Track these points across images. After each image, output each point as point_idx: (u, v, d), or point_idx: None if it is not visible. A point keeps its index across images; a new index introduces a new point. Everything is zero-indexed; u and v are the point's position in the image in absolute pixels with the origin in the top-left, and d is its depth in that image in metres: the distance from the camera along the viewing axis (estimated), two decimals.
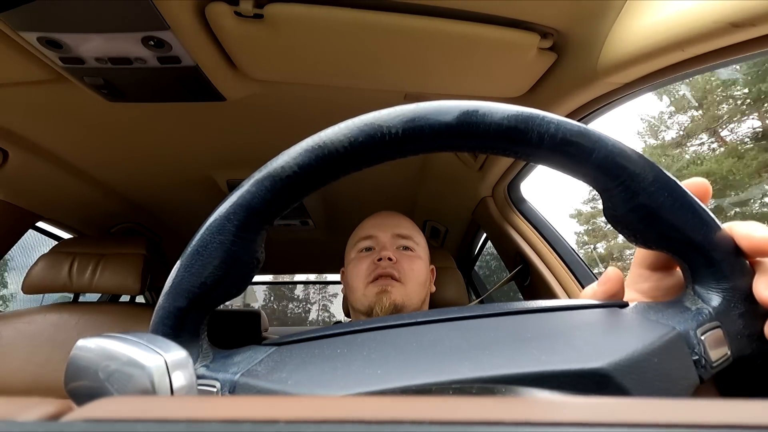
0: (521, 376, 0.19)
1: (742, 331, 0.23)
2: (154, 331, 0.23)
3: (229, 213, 0.22)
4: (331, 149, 0.22)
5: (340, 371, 0.21)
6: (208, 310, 0.24)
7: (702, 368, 0.21)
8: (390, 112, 0.22)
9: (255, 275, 0.25)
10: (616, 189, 0.23)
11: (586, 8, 0.55)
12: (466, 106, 0.22)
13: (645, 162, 0.23)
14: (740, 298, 0.23)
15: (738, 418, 0.09)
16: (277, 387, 0.20)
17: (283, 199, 0.23)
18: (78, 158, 0.99)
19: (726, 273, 0.23)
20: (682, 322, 0.23)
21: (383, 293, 0.67)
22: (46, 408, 0.10)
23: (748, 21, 0.42)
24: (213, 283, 0.23)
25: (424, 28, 0.57)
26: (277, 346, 0.25)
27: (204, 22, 0.57)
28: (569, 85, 0.65)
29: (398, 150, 0.23)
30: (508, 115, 0.22)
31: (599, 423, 0.09)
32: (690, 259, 0.24)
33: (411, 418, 0.09)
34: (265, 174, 0.22)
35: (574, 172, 0.24)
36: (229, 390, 0.22)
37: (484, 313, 0.25)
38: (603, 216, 0.26)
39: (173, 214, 1.37)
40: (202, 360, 0.24)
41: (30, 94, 0.73)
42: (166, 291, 0.23)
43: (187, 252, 0.23)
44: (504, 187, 1.02)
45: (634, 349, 0.20)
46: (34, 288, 0.98)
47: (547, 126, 0.22)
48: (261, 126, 0.89)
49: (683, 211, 0.23)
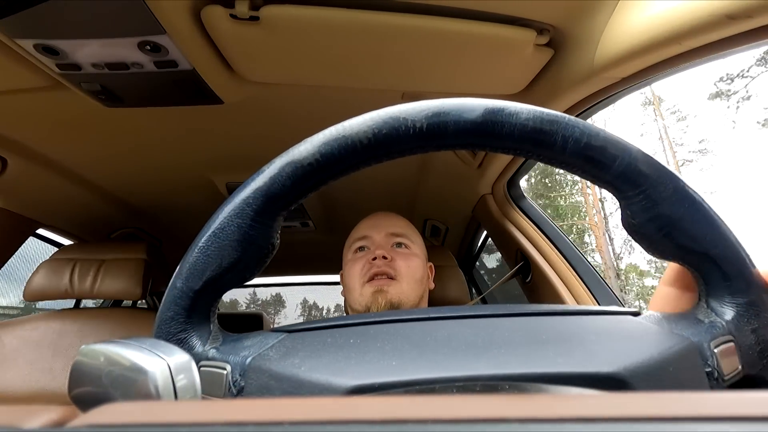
0: (538, 375, 0.19)
1: (754, 347, 0.23)
2: (167, 309, 0.23)
3: (249, 197, 0.23)
4: (355, 140, 0.22)
5: (354, 360, 0.21)
6: (221, 292, 0.24)
7: (714, 381, 0.21)
8: (415, 106, 0.22)
9: (269, 261, 0.25)
10: (637, 197, 0.23)
11: (583, 3, 0.55)
12: (493, 104, 0.22)
13: (667, 172, 0.23)
14: (754, 314, 0.23)
15: (741, 409, 0.09)
16: (290, 372, 0.20)
17: (303, 186, 0.23)
18: (77, 164, 0.99)
19: (742, 288, 0.23)
20: (696, 334, 0.23)
21: (379, 293, 0.67)
22: (50, 415, 0.10)
23: (744, 12, 0.42)
24: (228, 266, 0.23)
25: (420, 26, 0.57)
26: (287, 332, 0.25)
27: (200, 25, 0.56)
28: (567, 81, 0.64)
29: (421, 145, 0.23)
30: (533, 116, 0.22)
31: (604, 418, 0.09)
32: (706, 272, 0.24)
33: (415, 417, 0.09)
34: (286, 160, 0.22)
35: (596, 178, 0.24)
36: (240, 373, 0.22)
37: (497, 313, 0.25)
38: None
39: (173, 218, 1.37)
40: (212, 342, 0.24)
41: (27, 101, 0.73)
42: (179, 272, 0.23)
43: (204, 234, 0.23)
44: (503, 184, 1.02)
45: (650, 356, 0.20)
46: (35, 295, 0.98)
47: (572, 130, 0.22)
48: (259, 128, 0.89)
49: (702, 224, 0.23)
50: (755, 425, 0.08)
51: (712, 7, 0.43)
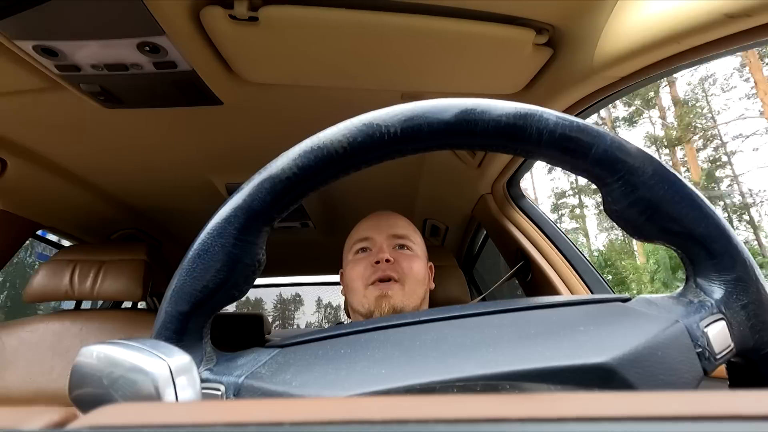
0: (526, 372, 0.19)
1: (745, 323, 0.23)
2: (158, 335, 0.23)
3: (230, 216, 0.22)
4: (330, 150, 0.22)
5: (344, 371, 0.21)
6: (211, 313, 0.24)
7: (706, 360, 0.21)
8: (388, 112, 0.22)
9: (257, 277, 0.25)
10: (616, 183, 0.23)
11: (582, 3, 0.55)
12: (465, 104, 0.22)
13: (644, 156, 0.23)
14: (742, 290, 0.23)
15: (741, 408, 0.09)
16: (282, 389, 0.20)
17: (284, 200, 0.23)
18: (76, 165, 0.99)
19: (728, 265, 0.23)
20: (685, 315, 0.23)
21: (383, 298, 0.67)
22: (50, 416, 0.10)
23: (743, 11, 0.42)
24: (215, 287, 0.23)
25: (420, 26, 0.57)
26: (280, 348, 0.25)
27: (199, 26, 0.56)
28: (566, 81, 0.65)
29: (397, 149, 0.23)
30: (506, 113, 0.22)
31: (603, 417, 0.09)
32: (691, 252, 0.24)
33: (415, 417, 0.09)
34: (264, 176, 0.22)
35: (574, 167, 0.24)
36: (234, 393, 0.22)
37: (486, 311, 0.25)
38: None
39: (173, 219, 1.37)
40: (206, 363, 0.24)
41: (27, 102, 0.73)
42: (169, 295, 0.23)
43: (189, 256, 0.23)
44: (503, 184, 1.02)
45: (637, 343, 0.20)
46: (36, 297, 0.98)
47: (546, 122, 0.22)
48: (259, 129, 0.89)
49: (683, 204, 0.23)
50: (756, 424, 0.08)
51: (711, 6, 0.43)
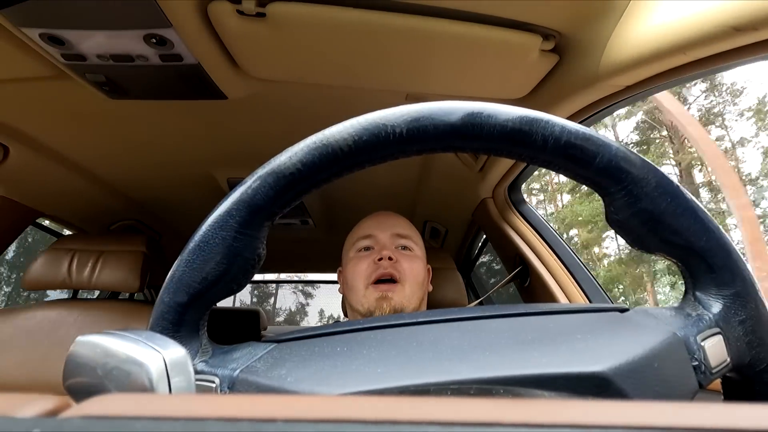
0: (521, 377, 0.19)
1: (742, 338, 0.23)
2: (154, 326, 0.23)
3: (232, 209, 0.22)
4: (335, 147, 0.22)
5: (339, 369, 0.21)
6: (209, 305, 0.24)
7: (702, 374, 0.21)
8: (395, 112, 0.22)
9: (256, 272, 0.25)
10: (619, 193, 0.23)
11: (589, 10, 0.55)
12: (471, 107, 0.22)
13: (648, 167, 0.23)
14: (741, 305, 0.23)
15: (735, 422, 0.09)
16: (277, 384, 0.20)
17: (286, 196, 0.23)
18: (79, 155, 0.99)
19: (727, 279, 0.23)
20: (683, 327, 0.23)
21: (384, 299, 0.67)
22: (44, 404, 0.10)
23: (751, 25, 0.42)
24: (214, 279, 0.23)
25: (427, 28, 0.57)
26: (276, 343, 0.25)
27: (206, 20, 0.56)
28: (571, 88, 0.64)
29: (402, 149, 0.23)
30: (512, 117, 0.22)
31: (596, 425, 0.09)
32: (691, 265, 0.24)
33: (409, 418, 0.09)
34: (268, 170, 0.22)
35: (577, 175, 0.24)
36: (228, 386, 0.22)
37: (484, 315, 0.25)
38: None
39: (173, 212, 1.37)
40: (202, 355, 0.24)
41: (31, 90, 0.73)
42: (167, 286, 0.23)
43: (189, 247, 0.23)
44: (504, 189, 1.02)
45: (634, 353, 0.20)
46: (34, 284, 0.98)
47: (552, 129, 0.22)
48: (262, 125, 0.89)
49: (686, 217, 0.23)
50: None
51: (719, 18, 0.43)
